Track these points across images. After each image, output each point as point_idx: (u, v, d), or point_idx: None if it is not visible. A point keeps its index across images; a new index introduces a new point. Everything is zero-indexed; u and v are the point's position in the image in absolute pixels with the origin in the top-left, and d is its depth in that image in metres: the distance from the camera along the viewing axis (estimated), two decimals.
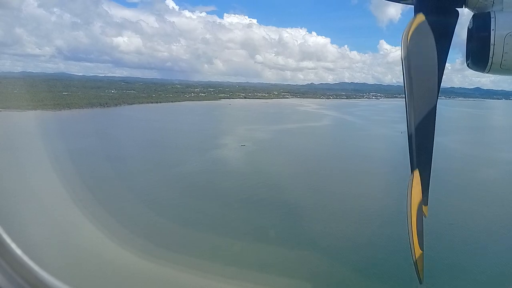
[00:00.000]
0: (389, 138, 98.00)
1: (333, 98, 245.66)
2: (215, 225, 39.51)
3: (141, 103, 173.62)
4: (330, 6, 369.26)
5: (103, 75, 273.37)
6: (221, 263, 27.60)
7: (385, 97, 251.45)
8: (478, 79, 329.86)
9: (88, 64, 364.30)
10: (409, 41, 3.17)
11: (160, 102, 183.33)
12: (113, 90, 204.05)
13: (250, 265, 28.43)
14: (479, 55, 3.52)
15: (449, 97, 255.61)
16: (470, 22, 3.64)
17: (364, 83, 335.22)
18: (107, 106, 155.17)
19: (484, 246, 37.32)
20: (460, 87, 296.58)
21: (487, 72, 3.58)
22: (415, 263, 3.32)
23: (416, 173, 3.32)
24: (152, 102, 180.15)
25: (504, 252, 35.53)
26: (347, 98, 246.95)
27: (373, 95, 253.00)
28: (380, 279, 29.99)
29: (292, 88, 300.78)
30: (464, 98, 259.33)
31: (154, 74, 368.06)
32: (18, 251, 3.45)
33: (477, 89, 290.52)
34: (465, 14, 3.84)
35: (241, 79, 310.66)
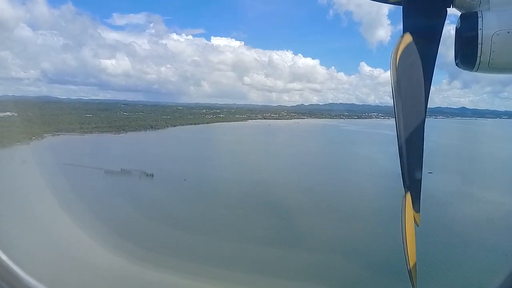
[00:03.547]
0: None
1: (345, 118, 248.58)
2: None
3: (182, 125, 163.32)
4: (319, 28, 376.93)
5: (88, 98, 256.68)
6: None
7: (386, 117, 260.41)
8: (458, 99, 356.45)
9: (73, 87, 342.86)
10: (398, 62, 3.18)
11: (197, 124, 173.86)
12: (125, 113, 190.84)
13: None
14: (467, 55, 3.54)
15: (447, 116, 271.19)
16: (457, 21, 3.65)
17: (353, 103, 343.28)
18: (158, 129, 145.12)
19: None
20: (447, 107, 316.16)
21: (475, 71, 3.60)
22: (410, 272, 3.40)
23: (408, 195, 3.33)
24: (190, 124, 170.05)
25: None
26: (358, 118, 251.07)
27: (380, 115, 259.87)
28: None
29: (284, 108, 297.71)
30: (461, 117, 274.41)
31: (139, 97, 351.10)
32: (4, 257, 3.25)
33: (463, 108, 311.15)
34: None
35: (227, 101, 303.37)
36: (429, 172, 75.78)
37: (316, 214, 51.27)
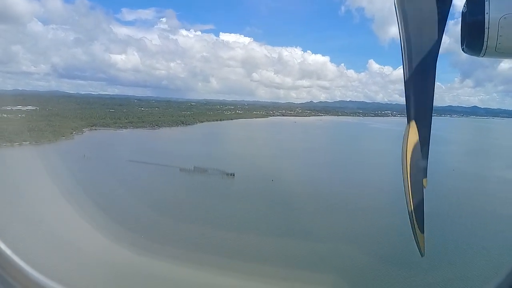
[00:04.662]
0: None
1: (362, 116, 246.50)
2: None
3: (208, 121, 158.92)
4: (330, 24, 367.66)
5: (96, 93, 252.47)
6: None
7: (402, 115, 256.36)
8: (468, 98, 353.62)
9: (81, 82, 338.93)
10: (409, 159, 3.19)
11: (222, 120, 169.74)
12: (142, 108, 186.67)
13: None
14: (474, 39, 3.49)
15: (462, 115, 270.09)
16: (464, 6, 3.60)
17: (363, 101, 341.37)
18: (188, 124, 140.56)
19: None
20: (458, 106, 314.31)
21: (482, 56, 3.49)
22: (411, 213, 3.35)
23: (413, 123, 3.31)
24: (215, 120, 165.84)
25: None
26: (374, 116, 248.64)
27: (395, 113, 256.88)
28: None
29: (293, 105, 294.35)
30: (476, 116, 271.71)
31: (147, 92, 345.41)
32: (8, 251, 3.23)
33: (475, 107, 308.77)
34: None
35: (235, 97, 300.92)
36: None
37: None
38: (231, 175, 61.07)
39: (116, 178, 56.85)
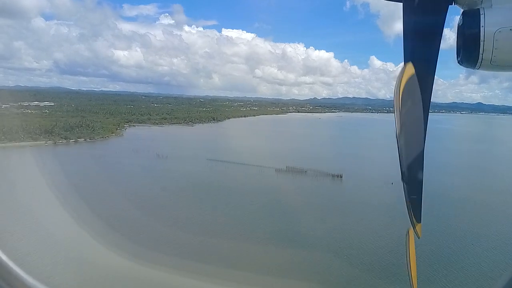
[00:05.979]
0: None
1: (376, 112, 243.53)
2: None
3: (234, 118, 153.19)
4: (335, 20, 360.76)
5: (98, 89, 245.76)
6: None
7: None
8: (470, 94, 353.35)
9: (83, 78, 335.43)
10: (402, 95, 3.13)
11: (246, 116, 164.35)
12: (155, 104, 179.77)
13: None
14: (469, 52, 3.49)
15: (470, 112, 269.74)
16: (459, 19, 3.63)
17: (366, 97, 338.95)
18: (219, 121, 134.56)
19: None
20: (462, 102, 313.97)
21: (477, 69, 3.51)
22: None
23: (411, 230, 3.46)
24: (240, 117, 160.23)
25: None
26: (387, 112, 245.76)
27: None
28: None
29: (297, 102, 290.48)
30: (485, 113, 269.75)
31: (149, 89, 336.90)
32: (4, 257, 3.17)
33: (480, 104, 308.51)
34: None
35: (237, 94, 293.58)
36: None
37: None
38: (338, 176, 54.29)
39: (218, 179, 49.94)
